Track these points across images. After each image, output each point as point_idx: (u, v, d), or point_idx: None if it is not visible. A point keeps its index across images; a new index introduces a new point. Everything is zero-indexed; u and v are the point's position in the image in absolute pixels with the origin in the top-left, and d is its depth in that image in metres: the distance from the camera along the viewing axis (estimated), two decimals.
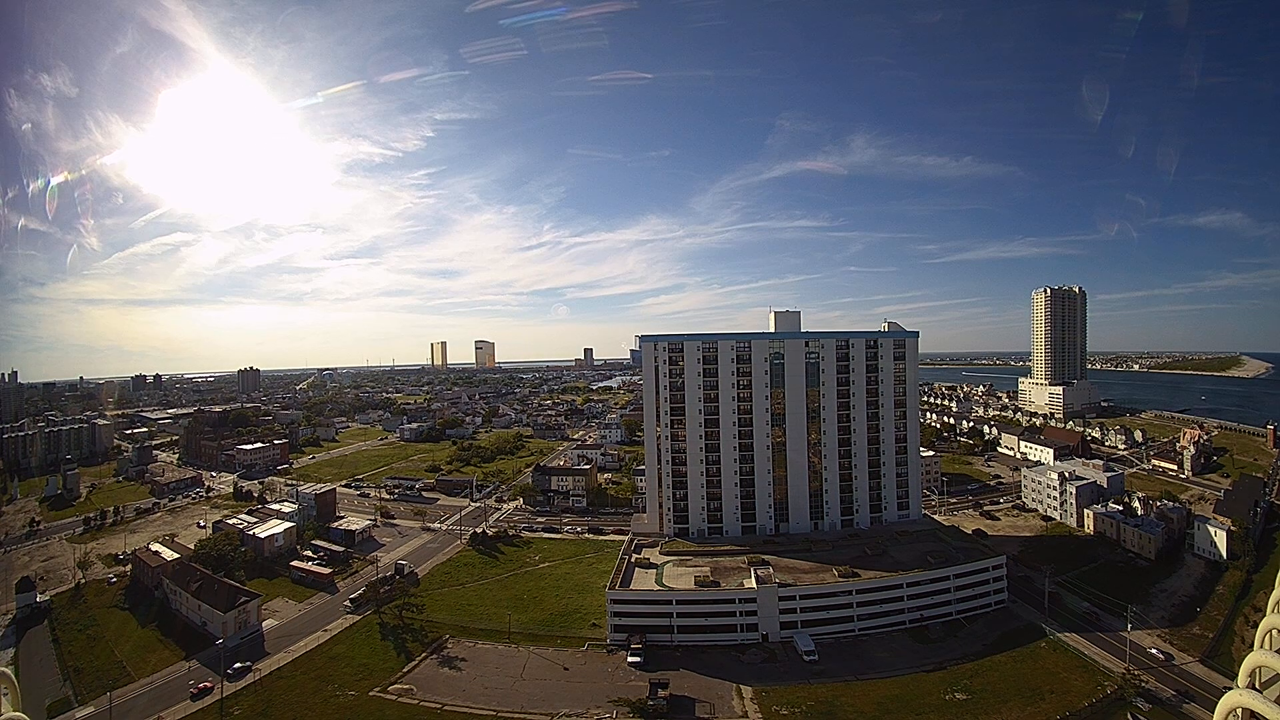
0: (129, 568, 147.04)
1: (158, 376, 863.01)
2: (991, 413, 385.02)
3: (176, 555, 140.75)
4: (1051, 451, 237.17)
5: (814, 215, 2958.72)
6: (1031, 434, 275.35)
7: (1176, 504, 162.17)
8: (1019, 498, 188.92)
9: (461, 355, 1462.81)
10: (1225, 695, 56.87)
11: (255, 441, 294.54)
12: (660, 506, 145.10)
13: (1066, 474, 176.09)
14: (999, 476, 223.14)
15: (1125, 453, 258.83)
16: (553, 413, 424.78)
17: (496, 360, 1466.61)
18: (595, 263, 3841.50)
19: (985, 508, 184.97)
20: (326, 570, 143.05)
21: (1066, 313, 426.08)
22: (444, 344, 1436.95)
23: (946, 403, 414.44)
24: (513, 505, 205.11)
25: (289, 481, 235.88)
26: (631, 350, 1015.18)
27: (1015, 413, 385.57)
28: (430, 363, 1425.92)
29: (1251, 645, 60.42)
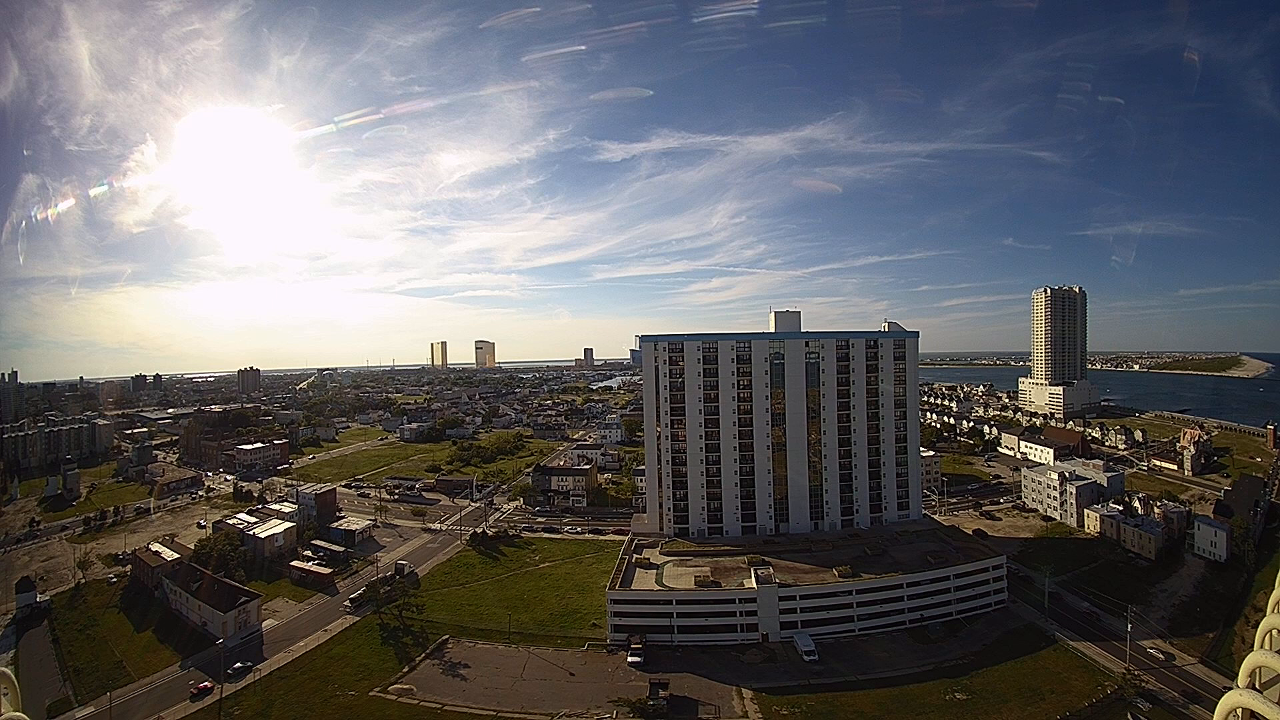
0: (129, 568, 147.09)
1: (158, 376, 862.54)
2: (992, 413, 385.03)
3: (176, 555, 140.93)
4: (1052, 451, 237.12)
5: None
6: (1032, 434, 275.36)
7: (1177, 504, 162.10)
8: (1019, 498, 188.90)
9: (461, 355, 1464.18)
10: (1225, 695, 56.66)
11: (255, 441, 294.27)
12: (660, 506, 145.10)
13: (1067, 474, 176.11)
14: (999, 476, 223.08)
15: (1125, 453, 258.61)
16: (553, 413, 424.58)
17: (496, 360, 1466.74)
18: (668, 213, 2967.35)
19: (985, 508, 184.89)
20: (326, 570, 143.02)
21: (1066, 312, 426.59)
22: (444, 344, 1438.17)
23: (946, 403, 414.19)
24: (513, 505, 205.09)
25: (289, 481, 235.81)
26: (631, 350, 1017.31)
27: (1015, 413, 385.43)
28: (430, 363, 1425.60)
29: (1252, 645, 60.32)
